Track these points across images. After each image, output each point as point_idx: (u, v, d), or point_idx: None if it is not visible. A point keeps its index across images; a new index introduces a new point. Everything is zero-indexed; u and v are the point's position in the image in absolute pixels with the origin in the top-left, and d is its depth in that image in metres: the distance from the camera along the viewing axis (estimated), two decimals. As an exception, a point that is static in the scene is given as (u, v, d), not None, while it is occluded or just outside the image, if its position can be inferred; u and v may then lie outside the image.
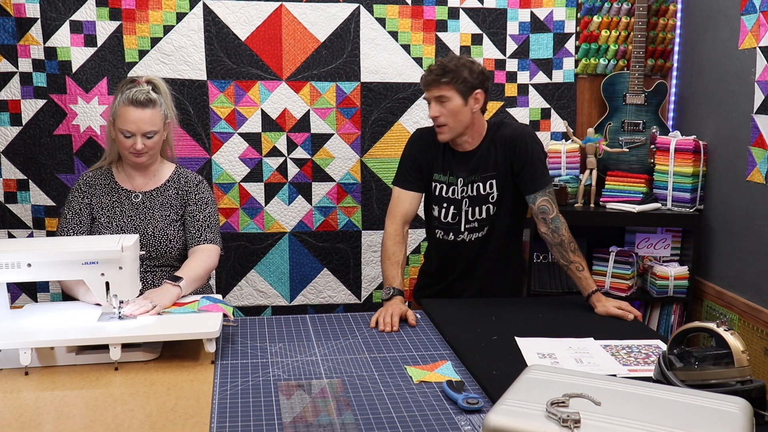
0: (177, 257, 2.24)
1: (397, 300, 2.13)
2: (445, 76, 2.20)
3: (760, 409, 1.35)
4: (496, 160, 2.29)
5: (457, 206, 2.33)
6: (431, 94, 2.24)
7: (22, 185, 2.92)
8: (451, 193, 2.34)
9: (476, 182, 2.30)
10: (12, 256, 1.71)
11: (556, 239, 2.23)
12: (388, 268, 2.28)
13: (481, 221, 2.31)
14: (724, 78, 2.87)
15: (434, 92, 2.22)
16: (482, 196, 2.30)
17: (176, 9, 2.91)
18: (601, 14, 3.20)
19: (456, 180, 2.32)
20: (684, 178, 3.00)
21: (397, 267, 2.27)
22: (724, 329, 1.45)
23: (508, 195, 2.31)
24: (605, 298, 2.15)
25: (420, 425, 1.41)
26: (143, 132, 2.12)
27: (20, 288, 2.97)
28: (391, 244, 2.31)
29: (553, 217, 2.23)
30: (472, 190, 2.30)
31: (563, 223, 2.24)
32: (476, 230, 2.33)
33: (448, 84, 2.20)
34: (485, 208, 2.30)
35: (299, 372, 1.68)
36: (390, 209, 2.38)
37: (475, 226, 2.32)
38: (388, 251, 2.31)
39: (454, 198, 2.33)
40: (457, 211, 2.33)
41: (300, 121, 3.06)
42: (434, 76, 2.21)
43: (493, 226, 2.33)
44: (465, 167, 2.31)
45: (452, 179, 2.33)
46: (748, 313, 2.72)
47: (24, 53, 2.83)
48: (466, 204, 2.32)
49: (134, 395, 1.55)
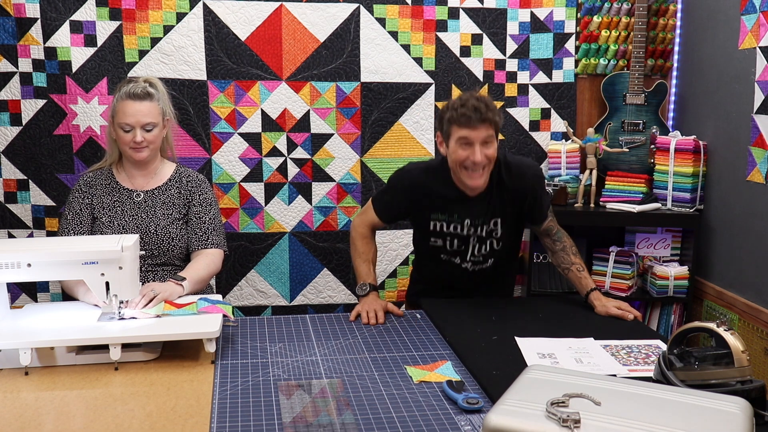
0: (179, 256, 2.24)
1: (374, 295, 2.18)
2: (489, 112, 2.01)
3: (760, 409, 1.35)
4: (503, 205, 2.20)
5: (464, 240, 2.24)
6: (478, 135, 2.01)
7: (22, 185, 2.92)
8: (453, 228, 2.22)
9: (483, 224, 2.21)
10: (12, 256, 1.71)
11: (558, 246, 2.26)
12: (360, 265, 2.29)
13: (485, 255, 2.26)
14: (724, 78, 2.87)
15: (482, 133, 2.01)
16: (488, 232, 2.22)
17: (176, 9, 2.91)
18: (601, 14, 3.20)
19: (461, 221, 2.20)
20: (684, 178, 3.00)
21: (369, 264, 2.29)
22: (724, 329, 1.45)
23: (512, 230, 2.28)
24: (605, 298, 2.15)
25: (420, 425, 1.41)
26: (142, 124, 2.13)
27: (20, 288, 2.97)
28: (362, 243, 2.32)
29: (556, 231, 2.27)
30: (477, 230, 2.21)
31: (564, 233, 2.28)
32: (480, 263, 2.27)
33: (490, 123, 2.02)
34: (490, 243, 2.24)
35: (299, 372, 1.68)
36: (364, 215, 2.34)
37: (480, 260, 2.27)
38: (359, 249, 2.32)
39: (458, 234, 2.23)
40: (464, 245, 2.24)
41: (300, 121, 3.06)
42: (485, 113, 2.00)
43: (498, 258, 2.28)
44: (472, 210, 2.19)
45: (455, 219, 2.21)
46: (748, 313, 2.72)
47: (24, 53, 2.83)
48: (473, 239, 2.23)
49: (134, 395, 1.55)
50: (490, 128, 2.02)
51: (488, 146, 2.04)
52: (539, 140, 3.23)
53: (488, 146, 2.04)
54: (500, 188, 2.17)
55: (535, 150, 3.23)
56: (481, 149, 2.02)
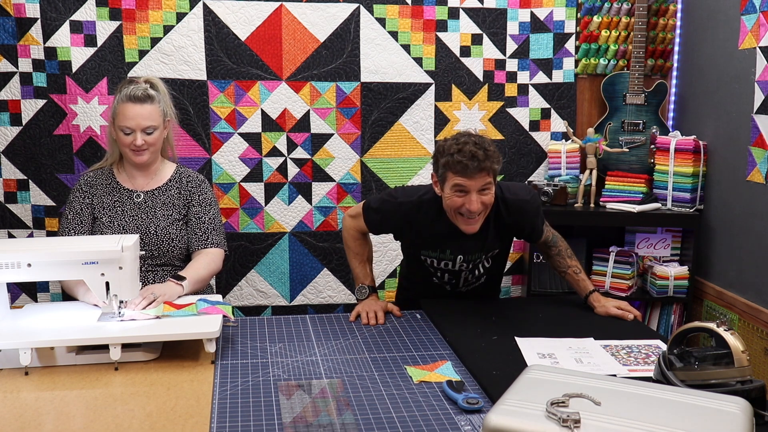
0: (179, 256, 2.24)
1: (373, 297, 2.18)
2: (487, 161, 1.90)
3: (760, 409, 1.35)
4: (500, 240, 2.16)
5: (455, 275, 2.20)
6: (475, 184, 1.91)
7: (22, 185, 2.92)
8: (444, 265, 2.17)
9: (477, 259, 2.17)
10: (12, 256, 1.71)
11: (554, 251, 2.25)
12: (357, 267, 2.27)
13: (479, 277, 2.25)
14: (724, 78, 2.87)
15: (479, 182, 1.91)
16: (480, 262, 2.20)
17: (176, 9, 2.91)
18: (601, 14, 3.20)
19: (453, 257, 2.14)
20: (684, 178, 3.00)
21: (365, 264, 2.28)
22: (724, 329, 1.45)
23: (505, 252, 2.27)
24: (604, 298, 2.15)
25: (420, 425, 1.41)
26: (142, 127, 2.13)
27: (20, 288, 2.97)
28: (356, 244, 2.27)
29: (552, 238, 2.25)
30: (469, 265, 2.17)
31: (559, 237, 2.27)
32: (473, 284, 2.27)
33: (489, 171, 1.92)
34: (482, 267, 2.21)
35: (299, 372, 1.68)
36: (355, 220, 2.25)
37: (473, 282, 2.26)
38: (354, 250, 2.27)
39: (450, 269, 2.18)
40: (455, 278, 2.21)
41: (300, 121, 3.06)
42: (480, 163, 1.89)
43: (489, 276, 2.28)
44: (466, 247, 2.13)
45: (447, 255, 2.15)
46: (748, 313, 2.72)
47: (24, 53, 2.83)
48: (465, 273, 2.20)
49: (134, 395, 1.55)
50: (487, 176, 1.92)
51: (485, 193, 1.94)
52: (539, 140, 3.23)
53: (485, 193, 1.94)
54: (497, 224, 2.10)
55: (535, 150, 3.23)
56: (477, 197, 1.92)
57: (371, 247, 2.34)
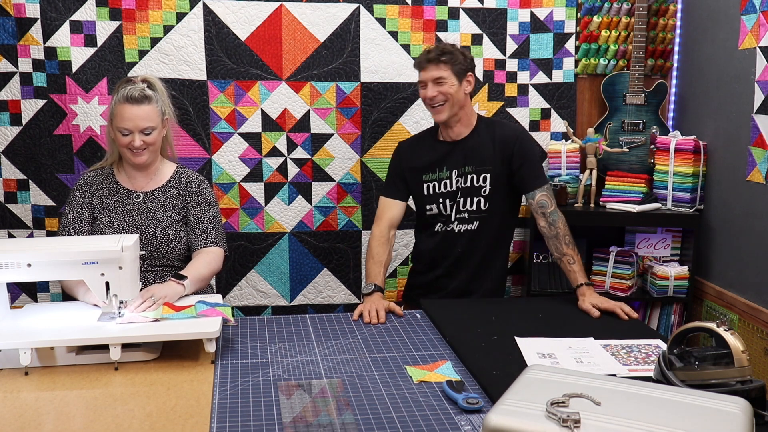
0: (178, 257, 2.24)
1: (378, 295, 2.22)
2: (443, 56, 2.28)
3: (760, 409, 1.35)
4: (493, 156, 2.35)
5: (452, 198, 2.39)
6: (429, 74, 2.29)
7: (22, 185, 2.92)
8: (443, 187, 2.40)
9: (470, 174, 2.36)
10: (12, 256, 1.71)
11: (552, 231, 2.29)
12: (371, 266, 2.37)
13: (471, 213, 2.37)
14: (724, 78, 2.87)
15: (433, 73, 2.29)
16: (475, 188, 2.36)
17: (176, 9, 2.91)
18: (601, 14, 3.20)
19: (449, 173, 2.39)
20: (684, 178, 3.00)
21: (380, 266, 2.36)
22: (724, 329, 1.45)
23: (501, 193, 2.37)
24: (589, 293, 2.17)
25: (420, 425, 1.41)
26: (140, 128, 2.12)
27: (20, 288, 2.97)
28: (376, 245, 2.40)
29: (551, 210, 2.30)
30: (466, 182, 2.36)
31: (561, 217, 2.30)
32: (466, 221, 2.39)
33: (446, 64, 2.28)
34: (476, 201, 2.35)
35: (299, 372, 1.68)
36: (377, 215, 2.50)
37: (465, 217, 2.38)
38: (373, 251, 2.40)
39: (449, 191, 2.40)
40: (452, 203, 2.40)
41: (300, 121, 3.06)
42: (434, 56, 2.28)
43: (484, 221, 2.39)
44: (458, 157, 2.38)
45: (444, 174, 2.40)
46: (748, 313, 2.72)
47: (24, 53, 2.83)
48: (459, 195, 2.38)
49: (134, 395, 1.55)
50: (441, 69, 2.27)
51: (441, 85, 2.28)
52: (539, 140, 3.23)
53: (441, 85, 2.28)
54: (490, 141, 2.35)
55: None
56: (433, 87, 2.28)
57: (390, 256, 2.45)
